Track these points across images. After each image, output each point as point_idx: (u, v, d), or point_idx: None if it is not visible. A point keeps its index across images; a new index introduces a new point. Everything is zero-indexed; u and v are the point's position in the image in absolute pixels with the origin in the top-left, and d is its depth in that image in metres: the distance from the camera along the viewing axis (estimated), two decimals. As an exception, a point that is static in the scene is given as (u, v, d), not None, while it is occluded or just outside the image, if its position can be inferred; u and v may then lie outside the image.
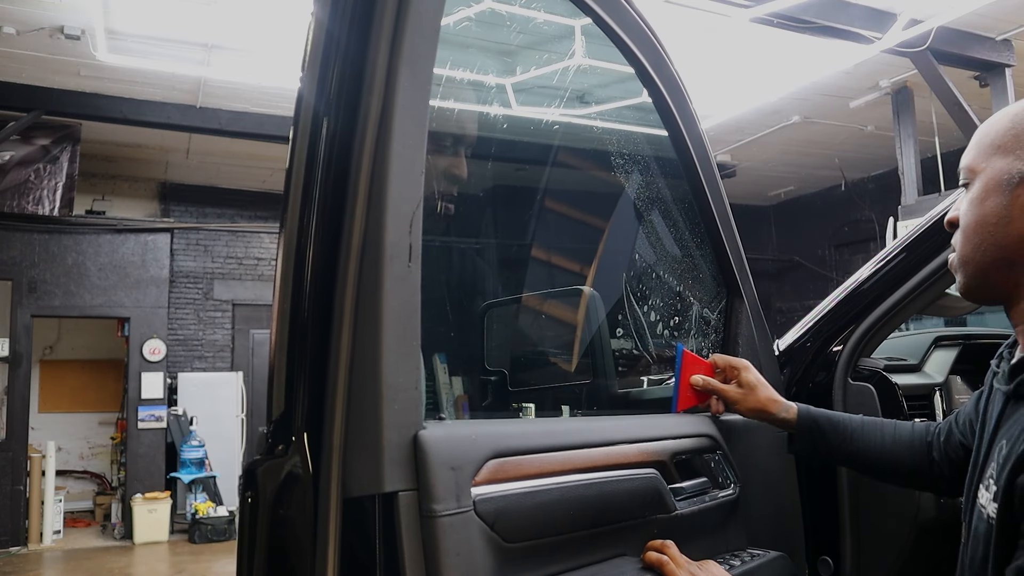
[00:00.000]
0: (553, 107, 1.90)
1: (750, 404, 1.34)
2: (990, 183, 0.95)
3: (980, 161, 0.97)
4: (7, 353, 8.53)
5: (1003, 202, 0.94)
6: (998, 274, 0.96)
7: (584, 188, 2.04)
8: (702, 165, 1.53)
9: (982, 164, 0.97)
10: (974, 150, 0.99)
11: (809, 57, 6.69)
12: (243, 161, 9.23)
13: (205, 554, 8.05)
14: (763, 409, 1.34)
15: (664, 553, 1.11)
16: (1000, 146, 0.95)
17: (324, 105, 0.91)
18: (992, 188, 0.95)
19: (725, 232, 1.56)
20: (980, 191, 0.96)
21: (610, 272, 1.95)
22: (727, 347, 1.56)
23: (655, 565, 1.10)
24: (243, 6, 5.76)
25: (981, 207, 0.96)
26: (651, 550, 1.12)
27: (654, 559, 1.11)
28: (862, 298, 1.65)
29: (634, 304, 1.92)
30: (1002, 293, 0.99)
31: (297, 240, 0.89)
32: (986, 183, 0.96)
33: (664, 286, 1.77)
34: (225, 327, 10.40)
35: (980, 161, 0.97)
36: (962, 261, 1.00)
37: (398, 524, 0.84)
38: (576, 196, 1.96)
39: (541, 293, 1.66)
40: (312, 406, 0.86)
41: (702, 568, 1.12)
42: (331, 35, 0.92)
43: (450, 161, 1.49)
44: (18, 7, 5.73)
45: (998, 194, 0.94)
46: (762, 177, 10.47)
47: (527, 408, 1.61)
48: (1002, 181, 0.94)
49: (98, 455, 10.67)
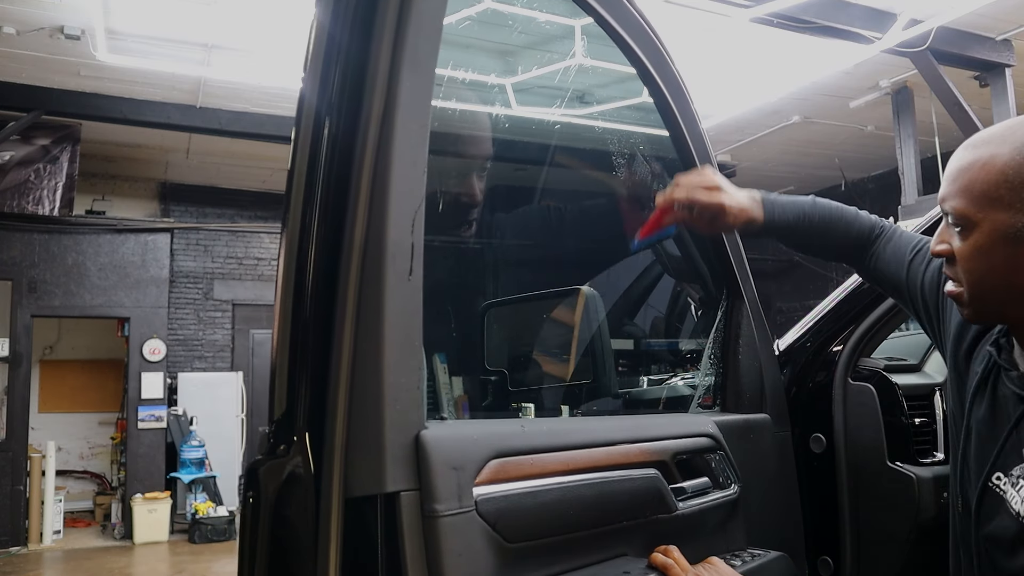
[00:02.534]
0: (553, 107, 1.90)
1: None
2: (995, 236, 1.01)
3: (975, 211, 1.02)
4: (7, 353, 8.53)
5: (1011, 252, 1.01)
6: (1007, 309, 1.06)
7: (584, 188, 2.04)
8: (703, 165, 1.53)
9: (979, 215, 1.02)
10: (964, 197, 1.03)
11: (809, 57, 6.69)
12: (243, 161, 9.23)
13: (205, 554, 8.05)
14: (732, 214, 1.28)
15: (669, 557, 1.11)
16: (995, 199, 1.00)
17: (326, 104, 0.91)
18: (998, 241, 1.01)
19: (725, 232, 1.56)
20: (985, 242, 1.02)
21: (610, 272, 1.95)
22: (727, 347, 1.56)
23: (660, 568, 1.10)
24: (243, 6, 5.76)
25: (989, 258, 1.02)
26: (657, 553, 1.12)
27: (660, 562, 1.11)
28: (862, 298, 1.65)
29: (634, 304, 1.92)
30: (1010, 319, 1.09)
31: (299, 239, 0.89)
32: (990, 235, 1.01)
33: (664, 286, 1.77)
34: (225, 327, 10.40)
35: (975, 211, 1.02)
36: (973, 298, 1.07)
37: (400, 524, 0.84)
38: (576, 196, 1.97)
39: (541, 293, 1.66)
40: (314, 406, 0.86)
41: (707, 568, 1.12)
42: (333, 34, 0.92)
43: (466, 186, 1.48)
44: (18, 7, 5.73)
45: (1004, 246, 1.00)
46: (762, 177, 10.47)
47: (526, 408, 1.61)
48: (1008, 235, 1.00)
49: (98, 455, 10.67)
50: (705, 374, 1.58)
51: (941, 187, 1.08)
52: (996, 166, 1.00)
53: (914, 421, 1.62)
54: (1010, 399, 1.09)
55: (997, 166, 1.00)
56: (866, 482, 1.53)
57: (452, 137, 1.48)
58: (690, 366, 1.80)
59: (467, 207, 1.51)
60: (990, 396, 1.14)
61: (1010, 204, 0.99)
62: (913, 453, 1.60)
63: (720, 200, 1.27)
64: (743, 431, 1.45)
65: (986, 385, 1.15)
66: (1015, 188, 0.98)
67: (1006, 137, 1.02)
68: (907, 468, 1.56)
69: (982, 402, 1.15)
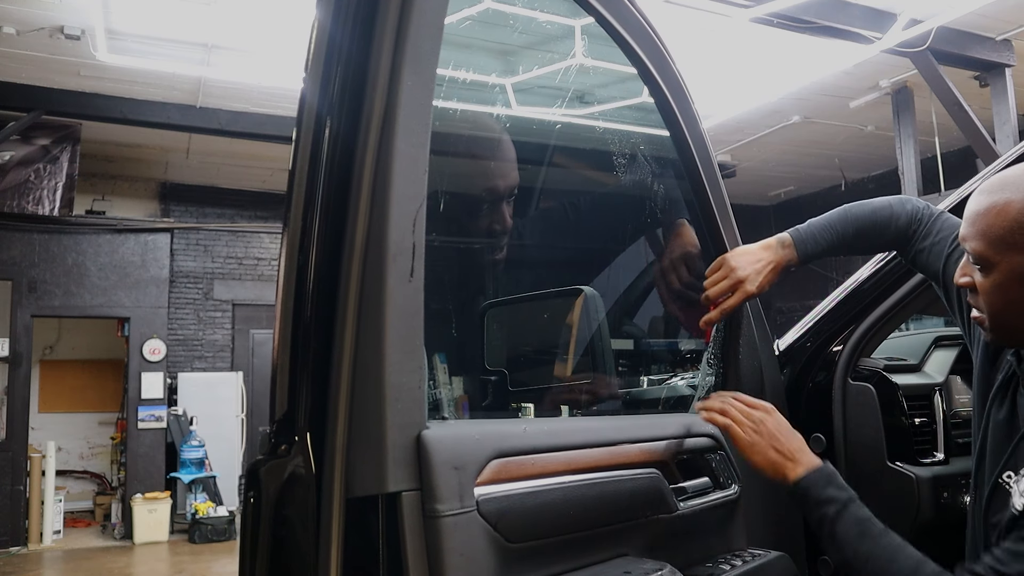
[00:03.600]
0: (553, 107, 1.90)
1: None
2: (1012, 276, 1.12)
3: (993, 253, 1.12)
4: (7, 353, 8.52)
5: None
6: None
7: (583, 188, 2.04)
8: (703, 165, 1.53)
9: (996, 256, 1.12)
10: (982, 240, 1.13)
11: (809, 57, 6.69)
12: (243, 161, 9.23)
13: (205, 554, 8.04)
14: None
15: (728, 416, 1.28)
16: (1011, 243, 1.10)
17: (327, 105, 0.91)
18: (1014, 280, 1.12)
19: (726, 232, 1.56)
20: (1003, 281, 1.13)
21: (610, 272, 1.95)
22: (727, 347, 1.56)
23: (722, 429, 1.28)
24: (243, 6, 5.76)
25: (1006, 294, 1.13)
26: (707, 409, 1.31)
27: (720, 423, 1.28)
28: (862, 298, 1.65)
29: (634, 303, 1.92)
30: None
31: (300, 240, 0.89)
32: (1008, 275, 1.12)
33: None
34: (225, 327, 10.39)
35: (993, 253, 1.12)
36: (994, 327, 1.18)
37: (401, 524, 0.85)
38: (575, 196, 1.97)
39: (541, 293, 1.66)
40: (315, 406, 0.86)
41: (761, 419, 1.27)
42: (334, 34, 0.92)
43: (498, 216, 1.59)
44: (18, 7, 5.73)
45: (1020, 285, 1.12)
46: (762, 177, 10.47)
47: (526, 408, 1.60)
48: (1023, 275, 1.11)
49: (98, 455, 10.66)
50: (705, 374, 1.58)
51: (962, 226, 1.18)
52: (1011, 213, 1.10)
53: (914, 421, 1.62)
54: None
55: (1011, 213, 1.10)
56: (866, 482, 1.53)
57: (486, 171, 1.61)
58: (690, 366, 1.80)
59: (500, 234, 1.64)
60: (1009, 401, 1.23)
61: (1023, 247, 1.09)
62: (913, 453, 1.60)
63: (745, 292, 1.42)
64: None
65: (1006, 391, 1.24)
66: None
67: (1019, 185, 1.11)
68: (907, 468, 1.56)
69: (1001, 406, 1.24)
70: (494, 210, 1.61)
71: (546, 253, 1.91)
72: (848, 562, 1.18)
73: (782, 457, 1.24)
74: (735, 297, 1.42)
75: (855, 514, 1.18)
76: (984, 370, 1.31)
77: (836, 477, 1.23)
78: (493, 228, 1.62)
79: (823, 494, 1.20)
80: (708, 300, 1.46)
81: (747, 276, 1.42)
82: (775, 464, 1.24)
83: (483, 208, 1.60)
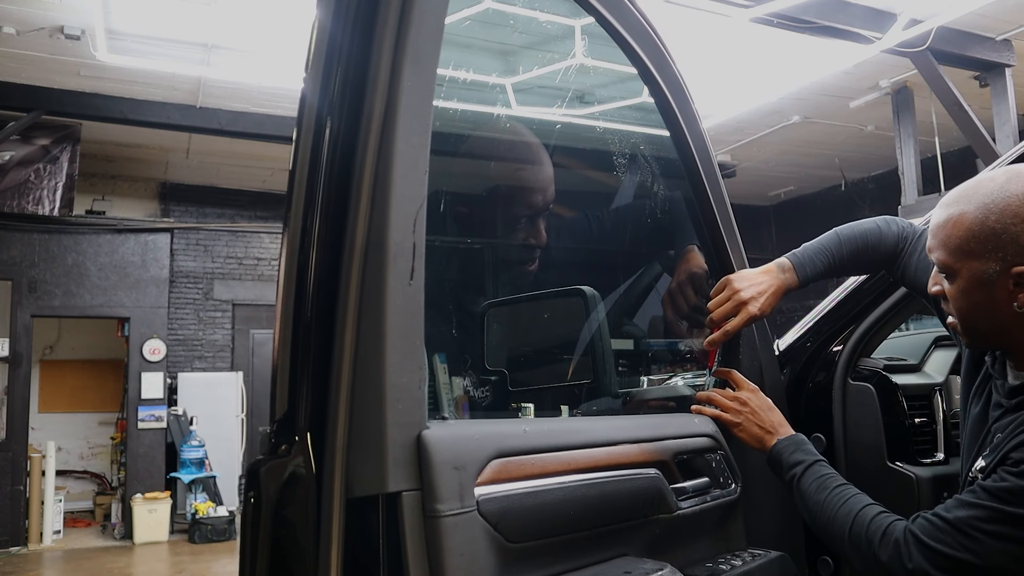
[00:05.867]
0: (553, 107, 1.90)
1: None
2: (972, 281, 1.19)
3: (954, 262, 1.20)
4: (7, 353, 8.52)
5: (987, 293, 1.18)
6: (996, 338, 1.24)
7: (583, 188, 2.04)
8: (703, 165, 1.53)
9: (957, 264, 1.20)
10: (944, 250, 1.21)
11: (809, 57, 6.69)
12: (243, 161, 9.23)
13: (205, 554, 8.04)
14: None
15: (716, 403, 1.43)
16: (969, 251, 1.18)
17: (327, 105, 0.91)
18: (975, 285, 1.19)
19: (726, 231, 1.56)
20: (966, 286, 1.20)
21: (610, 271, 1.95)
22: (727, 346, 1.56)
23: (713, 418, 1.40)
24: (243, 6, 5.76)
25: (970, 299, 1.20)
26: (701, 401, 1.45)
27: (709, 413, 1.41)
28: (862, 298, 1.65)
29: (634, 303, 1.92)
30: (1001, 345, 1.26)
31: (301, 239, 0.89)
32: (969, 281, 1.19)
33: (665, 286, 1.77)
34: (225, 327, 10.39)
35: (954, 262, 1.20)
36: (965, 331, 1.26)
37: (401, 524, 0.85)
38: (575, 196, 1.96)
39: (541, 293, 1.66)
40: (315, 406, 0.86)
41: (747, 399, 1.41)
42: (334, 34, 0.92)
43: (535, 231, 1.65)
44: (18, 7, 5.73)
45: (981, 289, 1.18)
46: (762, 177, 10.46)
47: (526, 408, 1.60)
48: (982, 280, 1.18)
49: (98, 455, 10.67)
50: (705, 374, 1.58)
51: (928, 238, 1.26)
52: (964, 223, 1.18)
53: (914, 421, 1.62)
54: (994, 404, 1.28)
55: (965, 223, 1.18)
56: (866, 482, 1.53)
57: (526, 191, 1.68)
58: (690, 366, 1.80)
59: (534, 248, 1.70)
60: (985, 398, 1.32)
61: (980, 254, 1.16)
62: (913, 453, 1.60)
63: (748, 314, 1.45)
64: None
65: (983, 388, 1.33)
66: (982, 241, 1.16)
67: (971, 197, 1.19)
68: (907, 468, 1.56)
69: (978, 402, 1.33)
70: (532, 224, 1.67)
71: (549, 255, 1.92)
72: (812, 515, 1.30)
73: (763, 431, 1.39)
74: (738, 319, 1.46)
75: (817, 472, 1.32)
76: (969, 373, 1.38)
77: (806, 443, 1.38)
78: (529, 242, 1.68)
79: (791, 458, 1.35)
80: (712, 322, 1.48)
81: (750, 298, 1.45)
82: (757, 437, 1.40)
83: (521, 221, 1.67)
